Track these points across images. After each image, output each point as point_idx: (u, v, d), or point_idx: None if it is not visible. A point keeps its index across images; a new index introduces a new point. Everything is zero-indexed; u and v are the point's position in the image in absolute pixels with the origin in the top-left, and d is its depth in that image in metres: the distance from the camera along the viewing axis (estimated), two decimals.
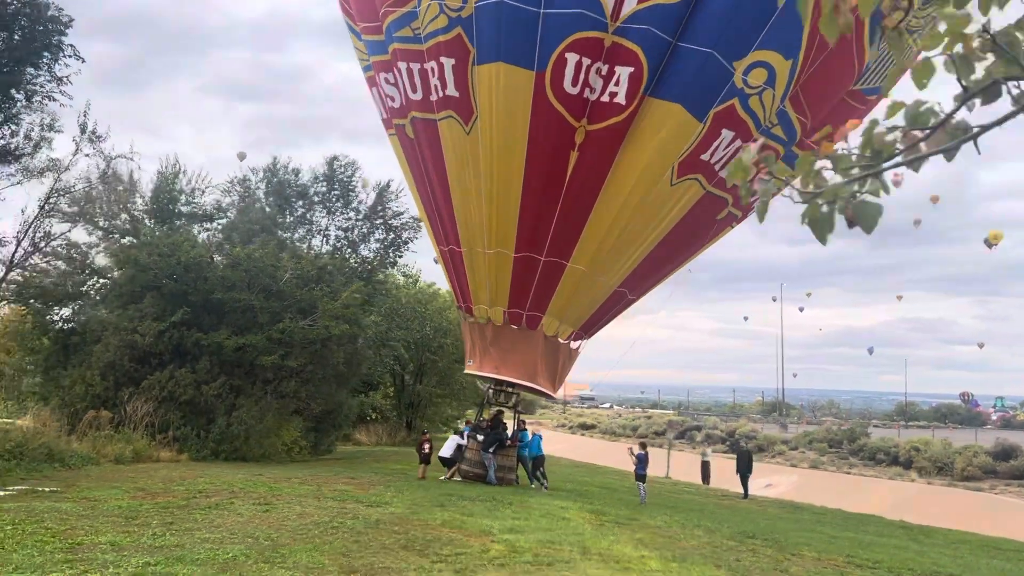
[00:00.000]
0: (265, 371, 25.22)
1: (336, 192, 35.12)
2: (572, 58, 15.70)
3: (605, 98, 15.98)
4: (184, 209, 29.62)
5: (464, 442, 20.83)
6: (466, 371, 21.58)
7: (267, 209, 31.78)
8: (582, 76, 15.84)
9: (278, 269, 25.87)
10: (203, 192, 30.20)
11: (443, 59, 16.76)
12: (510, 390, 20.80)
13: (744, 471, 26.24)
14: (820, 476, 39.10)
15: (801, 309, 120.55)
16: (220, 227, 30.06)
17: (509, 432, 21.17)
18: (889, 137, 1.98)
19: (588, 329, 20.06)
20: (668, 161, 16.64)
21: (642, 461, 20.00)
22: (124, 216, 28.46)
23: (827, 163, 2.16)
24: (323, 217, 35.40)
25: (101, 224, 28.31)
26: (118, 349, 24.24)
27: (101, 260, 28.02)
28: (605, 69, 15.75)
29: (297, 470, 21.30)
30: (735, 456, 28.43)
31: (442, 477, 20.63)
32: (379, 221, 34.95)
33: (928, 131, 1.93)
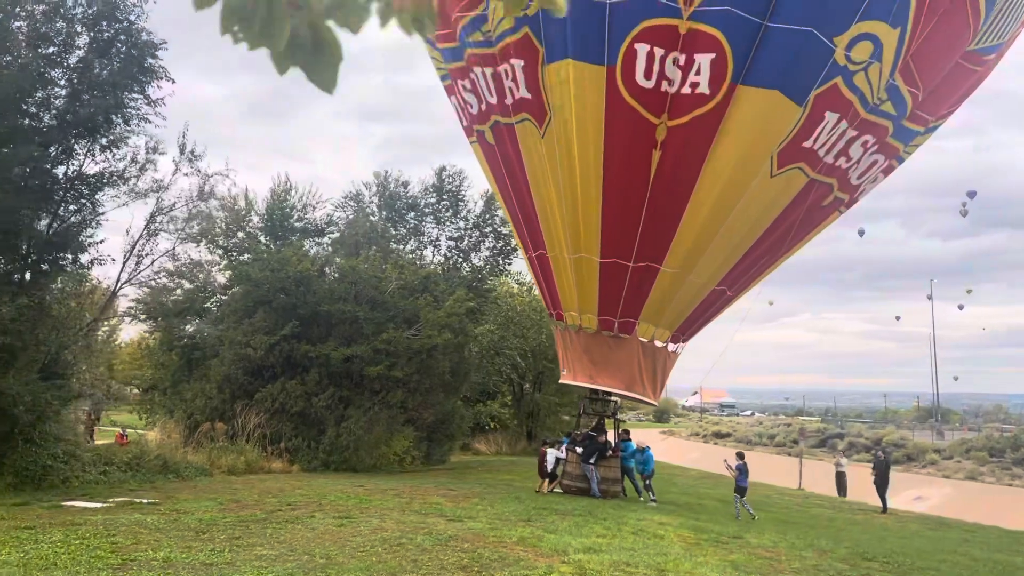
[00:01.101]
0: (373, 382, 25.33)
1: (445, 202, 35.22)
2: (642, 49, 14.59)
3: (686, 90, 14.76)
4: (297, 225, 30.40)
5: (563, 455, 19.99)
6: (560, 380, 20.75)
7: (375, 221, 32.15)
8: (656, 68, 14.70)
9: (382, 280, 25.98)
10: (314, 208, 30.93)
11: (513, 61, 16.13)
12: (607, 398, 19.82)
13: (881, 482, 23.94)
14: (978, 489, 35.57)
15: (961, 307, 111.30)
16: (330, 241, 30.67)
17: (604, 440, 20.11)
18: None
19: (685, 331, 18.80)
20: (766, 152, 15.26)
21: (742, 472, 18.55)
22: (241, 234, 29.53)
23: None
24: (433, 228, 35.63)
25: (220, 243, 29.50)
26: (233, 363, 24.99)
27: (221, 278, 29.22)
28: (683, 59, 14.54)
29: (401, 481, 21.12)
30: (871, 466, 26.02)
31: (542, 490, 19.85)
32: (488, 229, 34.75)
33: None
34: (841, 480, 29.68)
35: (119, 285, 18.76)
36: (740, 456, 19.23)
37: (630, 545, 11.86)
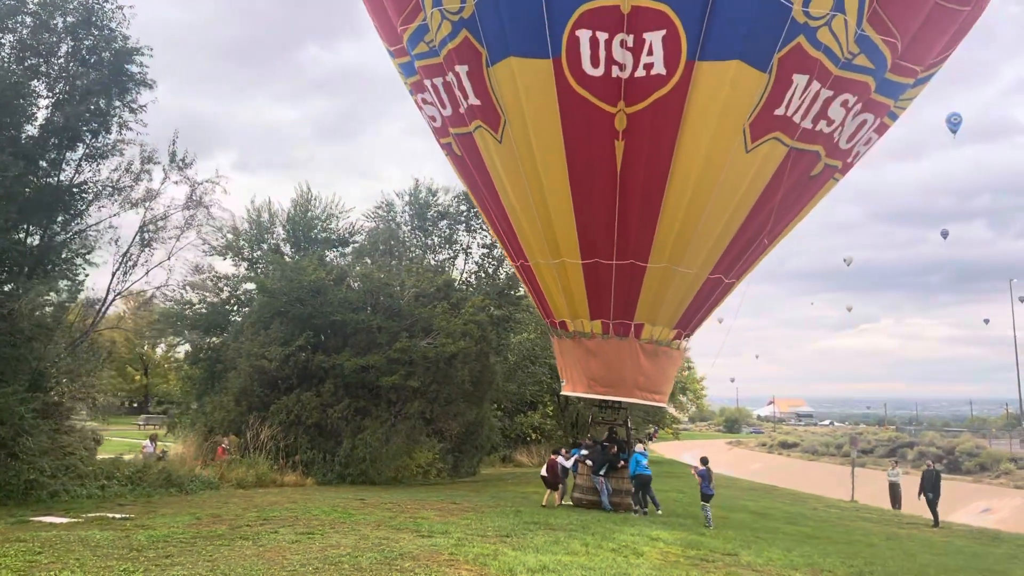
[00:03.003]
0: (389, 392, 24.67)
1: (475, 209, 34.49)
2: (584, 35, 13.58)
3: (640, 72, 13.70)
4: (320, 236, 30.12)
5: (567, 464, 18.84)
6: (561, 392, 19.60)
7: (397, 229, 31.64)
8: (602, 54, 13.68)
9: (396, 288, 25.36)
10: (337, 218, 30.60)
11: (457, 67, 15.31)
12: (618, 406, 18.63)
13: (931, 495, 21.93)
14: None
15: None
16: (351, 251, 30.28)
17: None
18: None
19: (686, 325, 17.47)
20: (737, 126, 14.07)
21: (704, 478, 17.13)
22: (264, 246, 29.39)
23: None
24: (465, 235, 34.93)
25: (245, 255, 29.42)
26: (249, 375, 24.69)
27: (245, 290, 29.09)
28: (631, 40, 13.46)
29: (409, 494, 20.34)
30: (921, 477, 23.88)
31: (552, 503, 18.75)
32: None
33: None
34: (895, 491, 27.56)
35: (112, 296, 18.56)
36: (704, 461, 17.80)
37: (596, 564, 10.75)
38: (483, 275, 35.04)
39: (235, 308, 28.95)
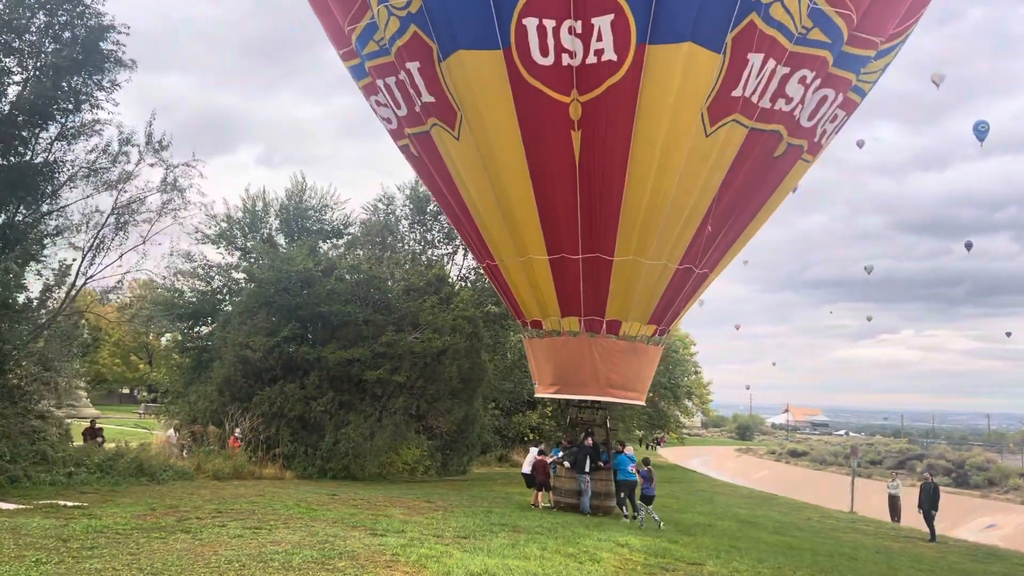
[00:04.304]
0: (374, 386, 24.15)
1: None
2: (531, 24, 13.10)
3: (591, 59, 13.23)
4: (315, 227, 29.68)
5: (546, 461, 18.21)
6: (536, 394, 18.98)
7: (392, 222, 31.13)
8: (551, 42, 13.21)
9: (384, 280, 24.86)
10: (332, 209, 30.15)
11: (408, 64, 14.79)
12: (596, 405, 17.97)
13: (928, 508, 21.08)
14: None
15: None
16: (344, 242, 29.82)
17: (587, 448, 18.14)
18: None
19: (660, 319, 16.79)
20: (695, 110, 13.57)
21: (647, 480, 16.47)
22: (258, 236, 29.00)
23: None
24: None
25: (239, 244, 29.04)
26: (233, 365, 24.27)
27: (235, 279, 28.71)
28: (579, 26, 12.98)
29: (384, 491, 19.82)
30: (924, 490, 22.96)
31: (539, 503, 18.14)
32: None
33: None
34: (894, 504, 26.65)
35: (83, 280, 18.15)
36: (646, 462, 17.17)
37: (545, 570, 10.15)
38: (482, 271, 34.49)
39: (227, 297, 28.59)
